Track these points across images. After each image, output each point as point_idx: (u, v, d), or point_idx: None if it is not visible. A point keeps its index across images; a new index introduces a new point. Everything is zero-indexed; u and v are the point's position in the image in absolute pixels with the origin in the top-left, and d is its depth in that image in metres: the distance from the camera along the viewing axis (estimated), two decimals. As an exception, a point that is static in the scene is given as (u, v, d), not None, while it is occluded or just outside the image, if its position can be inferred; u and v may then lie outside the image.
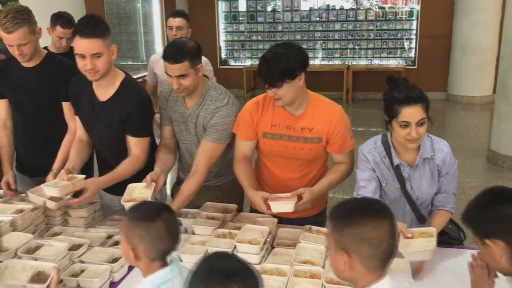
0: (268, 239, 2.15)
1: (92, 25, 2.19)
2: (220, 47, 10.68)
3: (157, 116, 2.97)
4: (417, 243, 1.95)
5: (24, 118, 2.73)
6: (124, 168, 2.35)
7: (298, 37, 10.23)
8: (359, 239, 1.29)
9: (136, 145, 2.41)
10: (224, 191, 2.65)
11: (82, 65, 2.23)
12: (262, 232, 2.15)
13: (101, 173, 2.60)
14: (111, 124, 2.40)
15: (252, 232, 2.15)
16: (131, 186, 2.27)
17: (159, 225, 1.45)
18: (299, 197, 2.18)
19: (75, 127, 2.61)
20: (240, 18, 10.52)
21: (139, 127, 2.41)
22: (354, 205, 1.40)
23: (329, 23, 10.09)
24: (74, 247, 2.09)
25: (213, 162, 2.43)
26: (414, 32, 9.77)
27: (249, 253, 2.00)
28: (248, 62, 10.63)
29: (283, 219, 2.35)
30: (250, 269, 1.22)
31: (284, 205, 2.11)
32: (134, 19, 9.19)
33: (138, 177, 2.33)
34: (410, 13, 9.70)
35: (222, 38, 10.71)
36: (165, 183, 2.45)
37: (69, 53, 3.53)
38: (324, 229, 2.26)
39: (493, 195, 1.44)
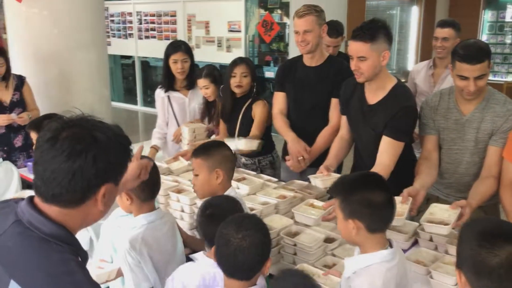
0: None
1: (364, 30, 2.30)
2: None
3: None
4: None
5: (299, 113, 3.00)
6: None
7: None
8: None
9: (386, 150, 2.39)
10: (487, 213, 2.45)
11: (351, 65, 2.39)
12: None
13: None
14: (376, 127, 2.45)
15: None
16: None
17: None
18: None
19: (335, 123, 2.80)
20: (506, 29, 9.48)
21: (398, 127, 2.39)
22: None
23: None
24: (329, 240, 2.20)
25: None
26: None
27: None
28: (510, 78, 9.52)
29: None
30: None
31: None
32: (390, 27, 9.18)
33: None
34: None
35: (482, 49, 9.83)
36: None
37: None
38: None
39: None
